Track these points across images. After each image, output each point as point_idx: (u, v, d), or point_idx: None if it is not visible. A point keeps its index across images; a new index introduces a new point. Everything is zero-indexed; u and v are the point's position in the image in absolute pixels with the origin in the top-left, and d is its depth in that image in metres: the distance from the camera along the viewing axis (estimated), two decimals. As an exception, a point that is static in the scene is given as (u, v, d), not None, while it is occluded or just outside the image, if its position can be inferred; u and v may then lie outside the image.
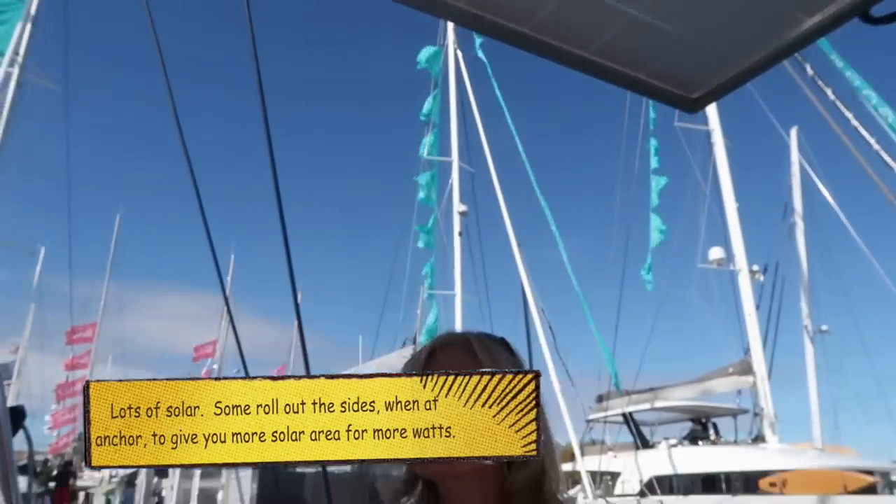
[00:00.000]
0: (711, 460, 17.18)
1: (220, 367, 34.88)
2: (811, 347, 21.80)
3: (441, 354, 1.06)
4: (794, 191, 21.92)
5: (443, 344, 1.08)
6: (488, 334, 1.12)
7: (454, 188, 20.27)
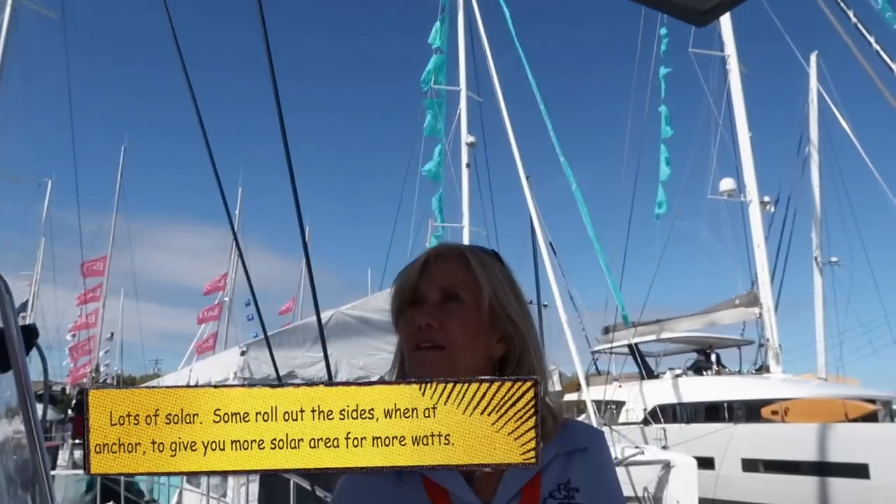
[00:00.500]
0: (714, 390, 17.52)
1: (230, 300, 35.42)
2: (820, 279, 21.85)
3: (435, 265, 1.06)
4: (811, 120, 21.44)
5: (437, 255, 1.08)
6: (482, 247, 1.13)
7: (462, 118, 19.94)
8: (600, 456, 1.06)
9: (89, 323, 33.91)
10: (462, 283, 1.05)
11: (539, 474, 1.00)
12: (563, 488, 1.01)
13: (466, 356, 1.02)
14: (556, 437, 1.04)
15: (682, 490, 14.10)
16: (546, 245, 16.53)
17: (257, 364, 9.05)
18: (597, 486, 1.02)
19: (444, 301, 1.04)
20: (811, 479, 13.81)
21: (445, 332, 1.02)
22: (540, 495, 0.99)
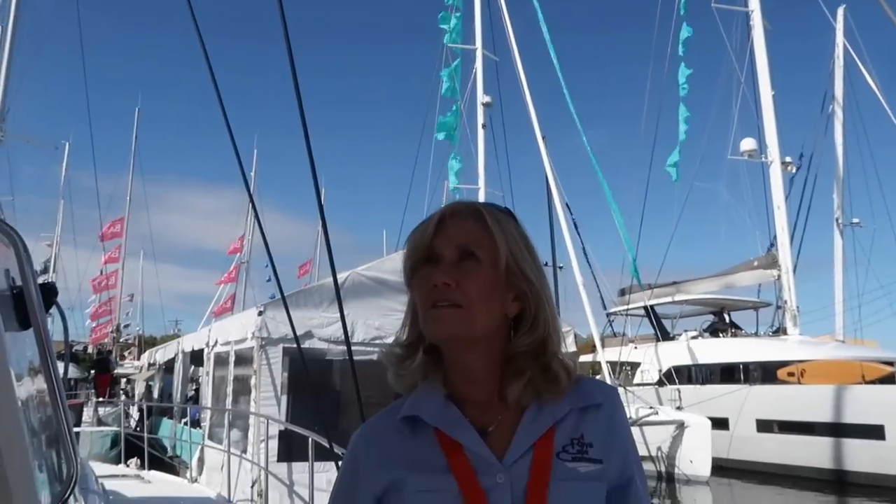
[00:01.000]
0: (730, 351, 17.50)
1: (248, 262, 35.71)
2: (840, 241, 21.54)
3: (450, 222, 1.04)
4: (836, 77, 20.85)
5: (452, 213, 1.06)
6: (496, 205, 1.11)
7: (478, 77, 19.63)
8: (614, 412, 1.06)
9: (109, 284, 34.40)
10: (478, 241, 1.03)
11: (552, 429, 1.00)
12: (577, 443, 1.01)
13: (483, 315, 1.01)
14: (569, 394, 1.04)
15: (696, 450, 14.22)
16: (562, 205, 16.41)
17: (275, 324, 9.12)
18: (610, 441, 1.02)
19: (459, 259, 1.02)
20: (826, 439, 13.85)
21: (462, 290, 1.00)
22: (553, 449, 0.99)
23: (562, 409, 1.02)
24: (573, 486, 0.97)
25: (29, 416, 1.17)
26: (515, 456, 0.99)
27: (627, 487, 1.02)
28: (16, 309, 1.24)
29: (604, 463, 1.00)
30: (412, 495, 0.99)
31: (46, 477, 1.14)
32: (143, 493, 5.96)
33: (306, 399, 9.35)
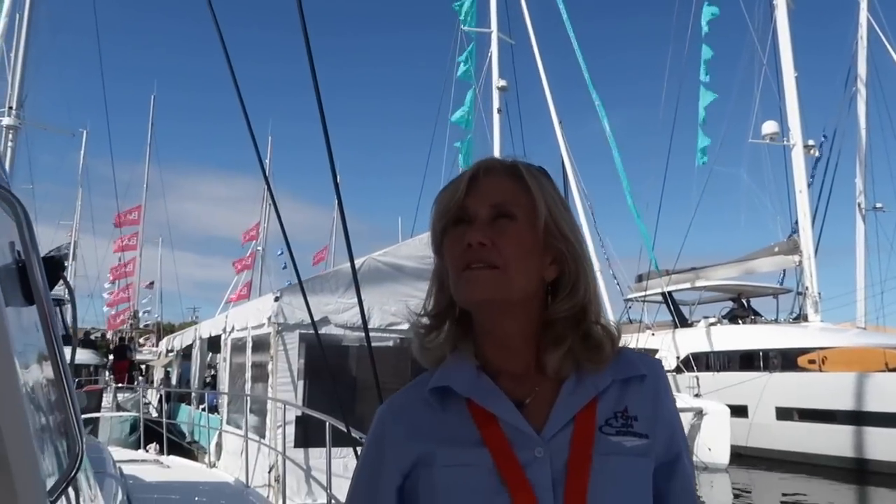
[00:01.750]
0: (749, 338, 17.31)
1: (264, 249, 35.89)
2: (863, 225, 21.17)
3: (484, 180, 0.97)
4: (859, 55, 20.37)
5: (486, 169, 0.98)
6: (530, 164, 1.03)
7: (493, 61, 19.44)
8: (659, 384, 0.98)
9: (127, 271, 34.76)
10: (514, 199, 0.95)
11: (594, 401, 0.94)
12: (621, 416, 0.94)
13: (520, 276, 0.93)
14: (611, 364, 0.97)
15: (714, 437, 14.11)
16: (579, 191, 16.26)
17: (291, 310, 9.13)
18: (656, 415, 0.95)
19: (494, 218, 0.95)
20: (847, 427, 13.68)
21: (498, 250, 0.93)
22: (595, 422, 0.93)
23: (604, 379, 0.95)
24: (618, 462, 0.90)
25: (32, 395, 1.11)
26: (555, 429, 0.92)
27: (675, 464, 0.96)
28: (20, 283, 1.19)
29: (650, 438, 0.93)
30: (443, 470, 0.92)
31: (52, 456, 1.08)
32: (162, 478, 5.99)
33: (323, 385, 9.36)
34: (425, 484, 0.93)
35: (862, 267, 21.24)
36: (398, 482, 0.96)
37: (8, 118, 13.78)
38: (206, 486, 6.19)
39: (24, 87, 14.30)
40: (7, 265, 1.17)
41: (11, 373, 0.99)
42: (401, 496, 0.96)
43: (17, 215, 1.17)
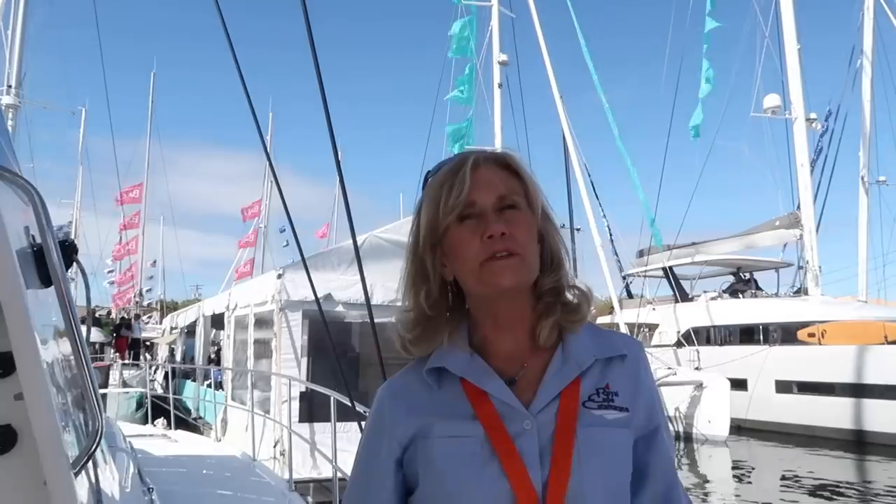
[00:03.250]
0: (749, 312, 17.38)
1: (266, 226, 35.89)
2: (865, 199, 21.11)
3: (484, 174, 1.03)
4: (865, 28, 20.12)
5: (483, 162, 1.05)
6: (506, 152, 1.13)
7: (494, 35, 19.26)
8: (639, 363, 1.07)
9: (130, 250, 34.81)
10: (512, 188, 1.04)
11: (578, 378, 1.02)
12: (603, 392, 1.02)
13: (533, 259, 1.02)
14: (595, 345, 1.05)
15: (714, 410, 14.25)
16: (580, 166, 16.21)
17: (294, 287, 9.18)
18: (636, 391, 1.04)
19: (501, 208, 1.02)
20: (846, 400, 13.80)
21: (515, 239, 1.00)
22: (579, 398, 1.01)
23: (587, 359, 1.03)
24: (600, 432, 0.98)
25: (53, 373, 1.16)
26: (542, 404, 1.00)
27: (654, 437, 1.04)
28: (37, 266, 1.22)
29: (630, 411, 1.01)
30: (439, 441, 1.00)
31: (73, 431, 1.13)
32: (171, 452, 6.09)
33: (326, 361, 9.45)
34: (423, 454, 1.01)
35: (864, 240, 21.23)
36: (398, 454, 1.03)
37: (7, 97, 13.72)
38: (215, 459, 6.30)
39: (22, 65, 14.21)
40: (24, 249, 1.21)
41: (34, 353, 1.04)
42: (400, 467, 1.04)
43: (34, 201, 1.20)
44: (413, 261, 1.08)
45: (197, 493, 2.67)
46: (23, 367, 1.02)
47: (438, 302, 1.06)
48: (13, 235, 1.14)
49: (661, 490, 1.03)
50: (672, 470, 1.05)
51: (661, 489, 1.03)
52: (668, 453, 1.05)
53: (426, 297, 1.06)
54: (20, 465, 1.02)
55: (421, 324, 1.07)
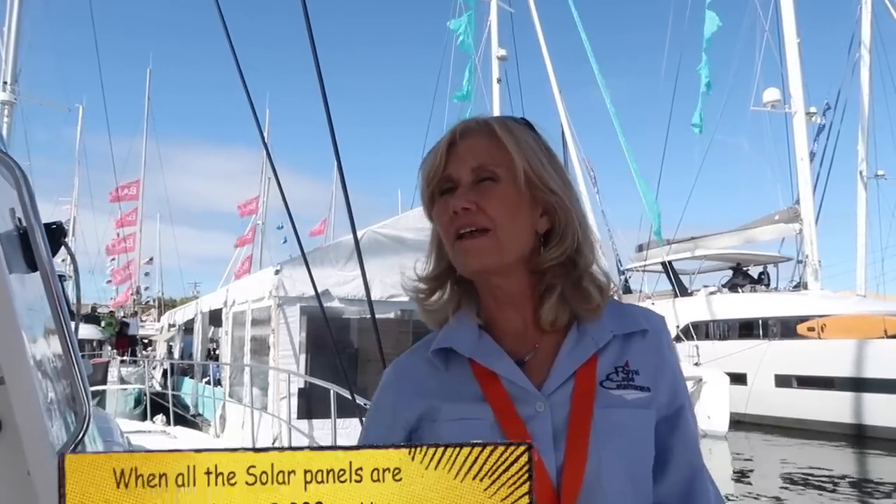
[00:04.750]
0: (749, 306, 17.36)
1: (263, 223, 35.84)
2: (864, 193, 21.08)
3: (462, 144, 0.97)
4: (863, 20, 20.06)
5: (462, 133, 0.98)
6: (510, 116, 1.03)
7: (492, 30, 19.20)
8: (661, 339, 0.99)
9: (127, 247, 34.74)
10: (493, 158, 0.96)
11: (595, 356, 0.95)
12: (622, 370, 0.95)
13: (511, 234, 0.95)
14: (613, 320, 0.98)
15: (714, 405, 14.22)
16: (579, 160, 16.17)
17: (292, 283, 9.13)
18: (659, 368, 0.96)
19: (477, 181, 0.96)
20: (845, 394, 13.79)
21: (485, 212, 0.94)
22: (596, 377, 0.94)
23: (604, 335, 0.96)
24: (619, 414, 0.91)
25: (38, 359, 1.11)
26: (555, 384, 0.93)
27: (678, 418, 0.97)
28: (23, 249, 1.18)
29: (651, 391, 0.94)
30: (446, 423, 0.94)
31: (59, 419, 1.09)
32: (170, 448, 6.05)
33: (325, 358, 9.42)
34: (429, 437, 0.95)
35: (863, 234, 21.20)
36: (403, 436, 0.99)
37: (3, 93, 13.66)
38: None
39: (17, 62, 14.16)
40: (9, 231, 1.16)
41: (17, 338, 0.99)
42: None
43: (18, 182, 1.16)
44: (432, 232, 1.04)
45: None
46: (5, 352, 0.98)
47: (444, 273, 1.02)
48: (-4, 216, 1.10)
49: (684, 478, 0.97)
50: (696, 456, 0.98)
51: (683, 477, 0.96)
52: (693, 437, 0.98)
53: (433, 267, 1.03)
54: (4, 454, 0.98)
55: (427, 294, 1.03)
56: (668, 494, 0.96)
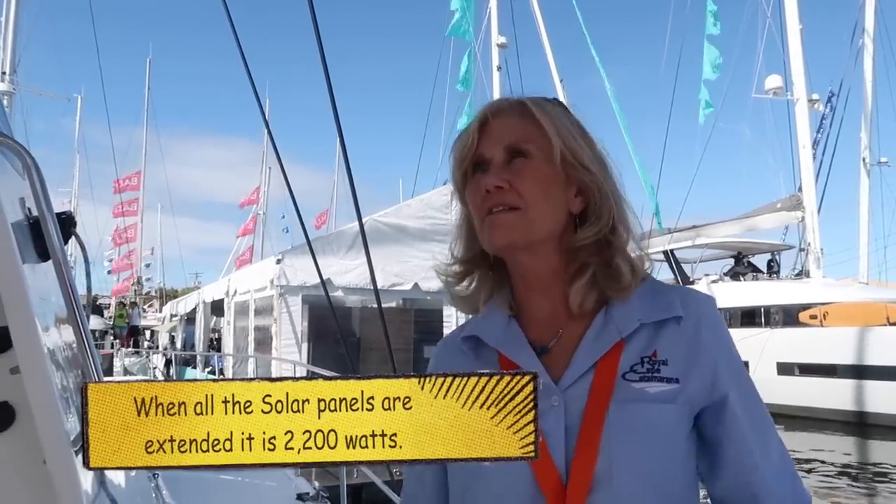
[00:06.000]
0: (751, 295, 17.35)
1: (265, 213, 35.81)
2: (867, 181, 21.01)
3: (494, 123, 0.96)
4: (867, 5, 19.89)
5: (495, 112, 0.97)
6: (542, 96, 1.01)
7: (492, 17, 19.09)
8: (700, 325, 0.92)
9: (128, 237, 34.77)
10: (526, 136, 0.94)
11: (619, 346, 0.91)
12: (648, 361, 0.90)
13: (542, 214, 0.93)
14: (644, 306, 0.93)
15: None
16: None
17: (293, 272, 9.14)
18: (690, 358, 0.90)
19: (510, 159, 0.94)
20: (848, 381, 13.81)
21: (517, 191, 0.92)
22: (617, 369, 0.90)
23: (629, 324, 0.92)
24: (638, 409, 0.87)
25: (51, 349, 1.11)
26: (573, 377, 0.90)
27: (721, 410, 0.91)
28: (34, 239, 1.17)
29: (680, 382, 0.89)
30: None
31: (73, 408, 1.08)
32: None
33: (327, 347, 9.44)
34: None
35: (865, 222, 21.14)
36: None
37: (2, 83, 13.61)
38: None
39: (16, 52, 14.09)
40: (21, 221, 1.15)
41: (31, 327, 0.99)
42: None
43: (30, 170, 1.14)
44: (460, 215, 1.03)
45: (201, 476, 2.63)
46: (20, 342, 0.97)
47: (477, 257, 1.01)
48: (8, 206, 1.08)
49: (736, 474, 0.90)
50: (752, 450, 0.90)
51: (735, 473, 0.90)
52: (742, 429, 0.90)
53: (464, 251, 1.03)
54: (19, 444, 0.97)
55: (458, 279, 1.03)
56: (724, 495, 0.91)
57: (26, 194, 1.19)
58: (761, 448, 0.91)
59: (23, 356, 0.97)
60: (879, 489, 9.33)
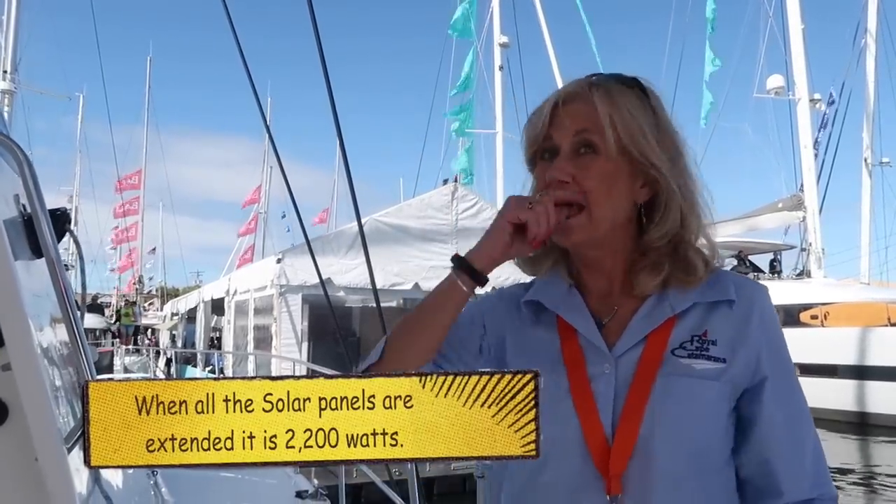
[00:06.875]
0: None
1: (266, 212, 35.82)
2: (868, 181, 20.98)
3: (563, 109, 0.96)
4: (870, 5, 19.86)
5: (566, 97, 0.96)
6: (618, 76, 0.99)
7: (495, 16, 19.08)
8: (751, 310, 0.95)
9: (130, 236, 34.81)
10: (594, 125, 0.94)
11: (671, 320, 0.95)
12: (698, 339, 0.94)
13: (605, 209, 0.94)
14: (701, 288, 0.96)
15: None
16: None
17: (293, 271, 9.13)
18: (738, 340, 0.93)
19: (577, 149, 0.95)
20: (849, 382, 13.79)
21: (581, 185, 0.93)
22: (668, 343, 0.94)
23: (683, 301, 0.95)
24: (683, 383, 0.91)
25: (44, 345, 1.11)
26: (625, 347, 0.95)
27: (758, 391, 0.95)
28: (27, 236, 1.17)
29: (727, 363, 0.93)
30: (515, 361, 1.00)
31: (66, 405, 1.08)
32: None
33: (327, 346, 9.44)
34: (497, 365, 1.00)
35: (867, 222, 21.12)
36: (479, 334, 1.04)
37: (3, 82, 13.62)
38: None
39: (17, 51, 14.10)
40: (13, 217, 1.15)
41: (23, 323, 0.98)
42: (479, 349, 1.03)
43: (22, 166, 1.14)
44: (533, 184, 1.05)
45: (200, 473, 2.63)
46: (11, 338, 0.97)
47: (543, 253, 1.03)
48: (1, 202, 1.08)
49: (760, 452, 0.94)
50: (779, 433, 0.94)
51: (758, 451, 0.94)
52: (772, 412, 0.94)
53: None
54: (10, 441, 0.97)
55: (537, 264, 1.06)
56: (745, 471, 0.95)
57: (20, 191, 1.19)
58: (791, 434, 0.94)
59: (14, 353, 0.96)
60: (880, 490, 9.32)
